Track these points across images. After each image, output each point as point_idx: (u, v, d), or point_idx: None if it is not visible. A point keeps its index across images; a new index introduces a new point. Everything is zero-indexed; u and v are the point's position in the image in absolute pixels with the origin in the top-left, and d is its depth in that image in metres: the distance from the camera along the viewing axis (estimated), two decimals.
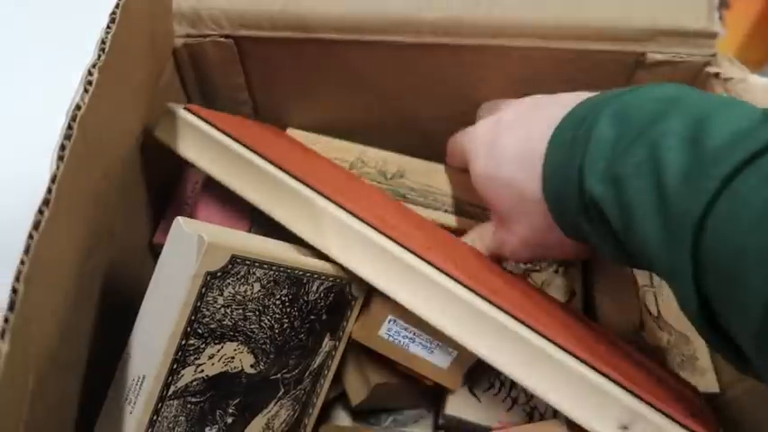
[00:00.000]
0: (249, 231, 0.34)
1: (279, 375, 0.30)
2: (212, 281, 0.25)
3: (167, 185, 0.38)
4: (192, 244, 0.24)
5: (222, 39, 0.37)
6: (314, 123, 0.42)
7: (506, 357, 0.28)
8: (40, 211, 0.17)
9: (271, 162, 0.30)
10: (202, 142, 0.31)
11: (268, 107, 0.43)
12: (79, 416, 0.27)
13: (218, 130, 0.31)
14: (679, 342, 0.37)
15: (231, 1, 0.36)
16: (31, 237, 0.17)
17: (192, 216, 0.35)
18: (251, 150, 0.30)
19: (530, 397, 0.32)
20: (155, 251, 0.35)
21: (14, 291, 0.16)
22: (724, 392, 0.35)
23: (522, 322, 0.27)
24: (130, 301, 0.29)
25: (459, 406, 0.32)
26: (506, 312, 0.27)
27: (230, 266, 0.25)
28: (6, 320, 0.15)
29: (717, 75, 0.36)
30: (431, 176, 0.41)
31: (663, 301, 0.38)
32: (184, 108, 0.32)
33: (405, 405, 0.35)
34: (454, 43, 0.37)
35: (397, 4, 0.37)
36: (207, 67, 0.39)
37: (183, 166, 0.38)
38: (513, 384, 0.33)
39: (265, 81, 0.41)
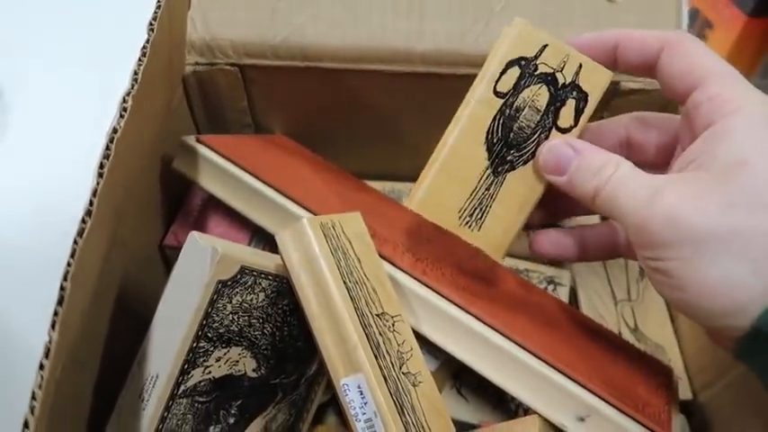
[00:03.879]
0: (250, 243, 0.37)
1: (278, 380, 0.32)
2: (223, 289, 0.27)
3: (175, 193, 0.41)
4: (205, 255, 0.26)
5: (228, 67, 0.40)
6: (312, 147, 0.45)
7: (485, 363, 0.30)
8: (83, 221, 0.20)
9: (276, 189, 0.33)
10: (218, 175, 0.34)
11: (269, 130, 0.45)
12: (90, 412, 0.29)
13: (232, 162, 0.34)
14: (655, 352, 0.39)
15: (237, 32, 0.39)
16: (75, 242, 0.19)
17: (199, 225, 0.38)
18: (259, 179, 0.33)
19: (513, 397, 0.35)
20: (163, 253, 0.38)
21: (62, 288, 0.18)
22: (696, 398, 0.37)
23: (498, 331, 0.30)
24: (140, 301, 0.32)
25: (449, 405, 0.34)
26: (491, 326, 0.30)
27: (239, 276, 0.28)
28: (56, 314, 0.18)
29: None
30: None
31: (640, 314, 0.41)
32: (198, 140, 0.35)
33: None
34: (443, 72, 0.40)
35: (391, 36, 0.40)
36: (214, 92, 0.42)
37: None
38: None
39: (267, 105, 0.44)
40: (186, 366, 0.27)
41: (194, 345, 0.27)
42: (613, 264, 0.43)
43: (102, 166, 0.22)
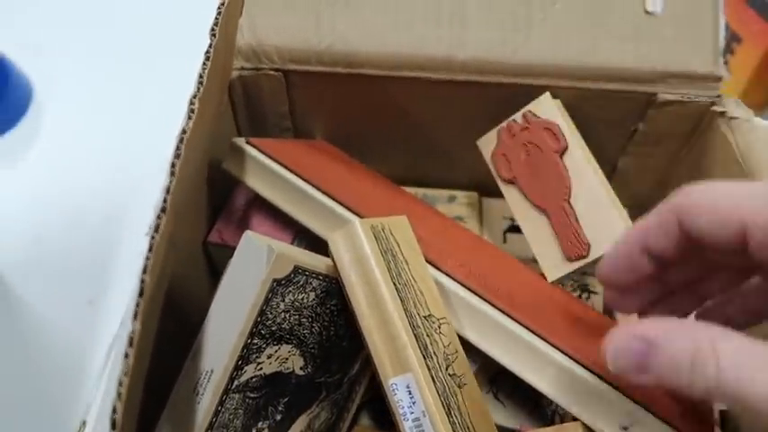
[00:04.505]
0: (292, 243, 0.38)
1: (322, 379, 0.33)
2: (277, 287, 0.28)
3: (218, 192, 0.42)
4: (261, 253, 0.27)
5: (273, 72, 0.41)
6: (350, 151, 0.46)
7: (527, 368, 0.31)
8: (159, 217, 0.21)
9: (324, 192, 0.34)
10: (267, 176, 0.35)
11: (308, 134, 0.46)
12: (141, 405, 0.30)
13: (281, 164, 0.35)
14: None
15: (282, 38, 0.40)
16: (152, 237, 0.20)
17: (243, 224, 0.39)
18: (308, 183, 0.34)
19: (550, 401, 0.35)
20: (206, 250, 0.39)
21: (143, 281, 0.19)
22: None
23: (541, 336, 0.31)
24: (183, 297, 0.32)
25: None
26: (533, 331, 0.31)
27: (292, 275, 0.28)
28: (138, 305, 0.19)
29: (722, 113, 0.40)
30: None
31: None
32: (248, 142, 0.36)
33: None
34: (483, 81, 0.41)
35: (432, 44, 0.40)
36: (257, 96, 0.43)
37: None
38: (535, 390, 0.36)
39: (308, 110, 0.45)
40: (240, 362, 0.28)
41: (249, 341, 0.28)
42: None
43: (173, 165, 0.23)
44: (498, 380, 0.36)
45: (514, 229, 0.47)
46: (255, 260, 0.28)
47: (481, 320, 0.32)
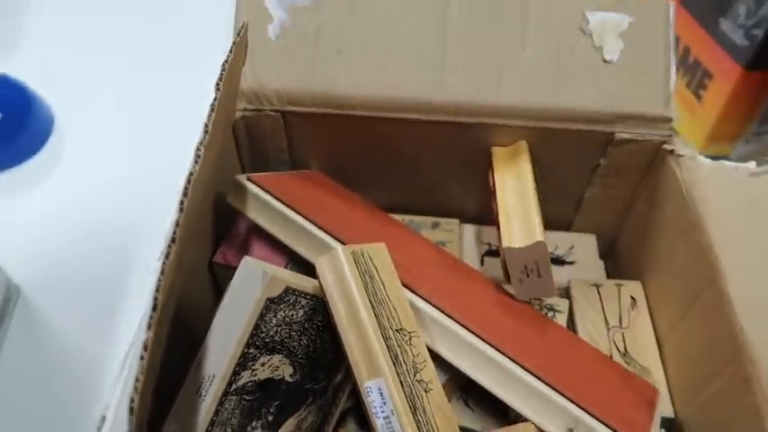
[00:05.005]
0: (286, 267, 0.43)
1: (309, 386, 0.38)
2: (270, 305, 0.33)
3: (222, 219, 0.46)
4: (257, 276, 0.32)
5: (272, 113, 0.46)
6: (343, 181, 0.51)
7: (488, 378, 0.36)
8: (169, 246, 0.26)
9: (314, 223, 0.39)
10: (264, 209, 0.40)
11: (305, 166, 0.51)
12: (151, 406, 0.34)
13: (277, 199, 0.40)
14: (642, 374, 0.44)
15: (282, 82, 0.46)
16: (164, 262, 0.25)
17: (244, 248, 0.43)
18: (300, 215, 0.39)
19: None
20: (212, 270, 0.44)
21: (155, 298, 0.24)
22: (677, 416, 0.42)
23: (501, 351, 0.35)
24: (190, 312, 0.37)
25: (456, 414, 0.39)
26: (494, 346, 0.35)
27: (284, 295, 0.33)
28: (151, 317, 0.23)
29: (671, 152, 0.44)
30: None
31: (630, 340, 0.45)
32: (248, 179, 0.41)
33: None
34: (459, 121, 0.46)
35: (413, 89, 0.46)
36: (258, 134, 0.48)
37: None
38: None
39: (304, 146, 0.50)
40: (237, 369, 0.33)
41: (245, 350, 0.33)
42: (607, 295, 0.47)
43: (182, 202, 0.28)
44: (468, 389, 0.40)
45: (491, 253, 0.51)
46: (252, 281, 0.32)
47: (452, 339, 0.36)
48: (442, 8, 0.46)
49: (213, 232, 0.45)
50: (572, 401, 0.34)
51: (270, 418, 0.36)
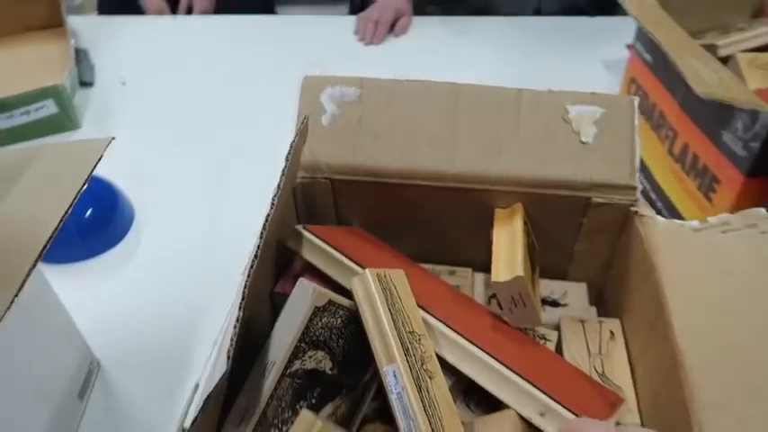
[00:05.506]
0: None
1: (344, 380, 0.49)
2: (317, 312, 0.45)
3: (280, 259, 0.60)
4: (308, 291, 0.45)
5: (323, 180, 0.61)
6: (378, 235, 0.64)
7: (481, 376, 0.47)
8: (247, 276, 0.39)
9: (354, 261, 0.52)
10: (317, 251, 0.54)
11: (347, 223, 0.65)
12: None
13: (327, 243, 0.53)
14: (617, 391, 0.53)
15: (332, 157, 0.60)
16: (243, 296, 0.38)
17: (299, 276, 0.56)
18: (344, 255, 0.52)
19: (507, 405, 0.50)
20: (272, 298, 0.57)
21: (235, 327, 0.37)
22: (644, 423, 0.51)
23: (493, 356, 0.46)
24: (254, 331, 0.50)
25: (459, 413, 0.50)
26: (488, 352, 0.47)
27: (327, 305, 0.46)
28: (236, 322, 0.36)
29: (636, 212, 0.56)
30: None
31: (607, 364, 0.55)
32: (305, 228, 0.55)
33: None
34: (467, 187, 0.59)
35: (431, 162, 0.59)
36: (311, 196, 0.62)
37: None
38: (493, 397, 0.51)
39: (347, 206, 0.64)
40: (291, 357, 0.45)
41: (298, 344, 0.45)
42: (590, 329, 0.58)
43: (258, 246, 0.42)
44: (469, 393, 0.51)
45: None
46: (304, 295, 0.45)
47: (454, 346, 0.48)
48: (454, 103, 0.60)
49: (275, 269, 0.58)
50: (544, 392, 0.44)
51: (313, 401, 0.47)
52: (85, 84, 1.14)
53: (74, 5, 1.67)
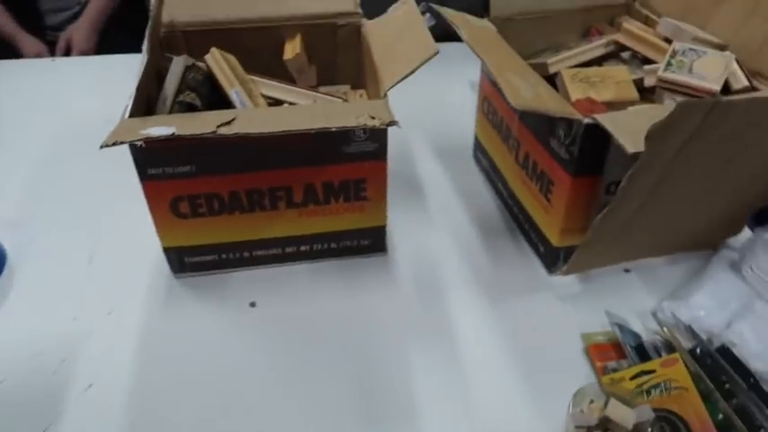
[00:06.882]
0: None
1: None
2: (187, 69, 0.85)
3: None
4: (181, 58, 0.84)
5: (179, 32, 0.97)
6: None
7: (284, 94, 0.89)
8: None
9: None
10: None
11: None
12: None
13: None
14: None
15: (184, 15, 0.98)
16: None
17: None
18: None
19: None
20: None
21: None
22: None
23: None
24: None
25: None
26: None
27: (193, 66, 0.85)
28: None
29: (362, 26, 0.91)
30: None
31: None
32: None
33: None
34: (268, 26, 0.97)
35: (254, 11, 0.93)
36: (171, 47, 0.98)
37: None
38: None
39: (198, 54, 0.86)
40: (177, 93, 0.83)
41: (179, 86, 0.83)
42: None
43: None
44: None
45: None
46: (180, 60, 0.85)
47: (272, 87, 0.89)
48: None
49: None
50: None
51: None
52: None
53: None
